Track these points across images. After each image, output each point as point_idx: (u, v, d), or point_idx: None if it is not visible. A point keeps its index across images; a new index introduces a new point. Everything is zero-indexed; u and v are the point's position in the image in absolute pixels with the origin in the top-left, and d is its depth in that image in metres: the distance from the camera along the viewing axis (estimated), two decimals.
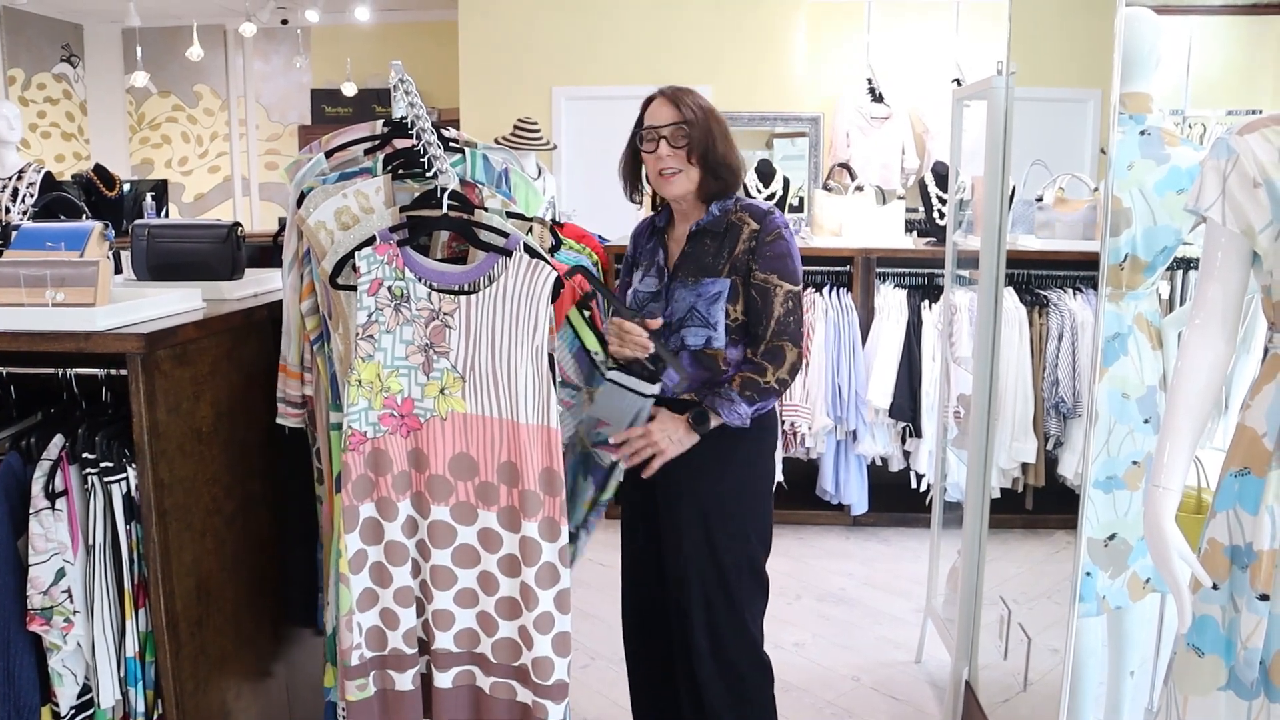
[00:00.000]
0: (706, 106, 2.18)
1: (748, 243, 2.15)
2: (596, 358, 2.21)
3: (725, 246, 2.16)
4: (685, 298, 2.15)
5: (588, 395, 2.21)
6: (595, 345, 2.20)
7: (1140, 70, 2.21)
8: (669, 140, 2.13)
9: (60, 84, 8.55)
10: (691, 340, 2.14)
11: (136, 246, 2.35)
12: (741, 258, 2.15)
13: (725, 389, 2.10)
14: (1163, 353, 2.26)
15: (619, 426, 2.12)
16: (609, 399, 2.13)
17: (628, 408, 2.11)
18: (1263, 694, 1.58)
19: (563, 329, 2.16)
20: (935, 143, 5.91)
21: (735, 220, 2.18)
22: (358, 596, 1.93)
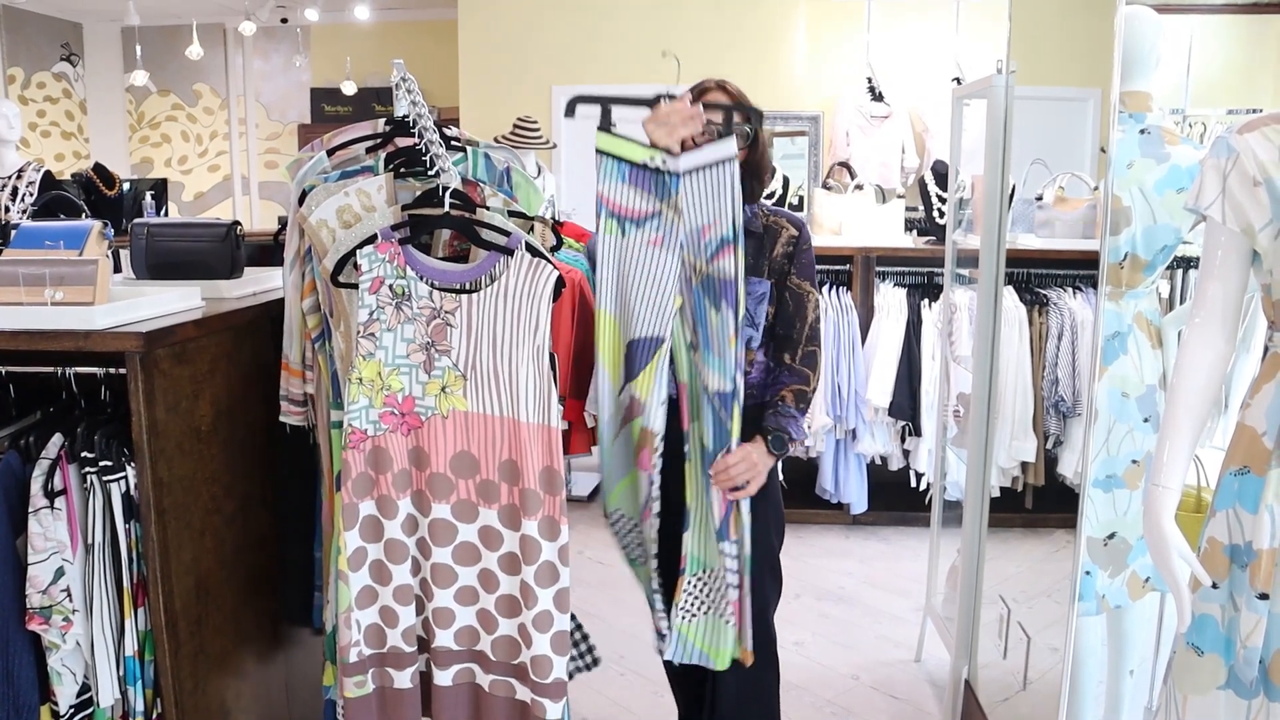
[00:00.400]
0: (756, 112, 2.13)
1: (786, 247, 2.16)
2: (653, 163, 1.92)
3: (765, 247, 2.16)
4: None
5: (673, 209, 1.93)
6: (645, 152, 1.93)
7: (1140, 69, 2.21)
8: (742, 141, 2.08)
9: (60, 83, 8.54)
10: None
11: (136, 245, 2.35)
12: (779, 262, 2.16)
13: (783, 407, 2.10)
14: (1162, 351, 2.26)
15: (720, 217, 1.88)
16: (696, 193, 1.88)
17: (721, 188, 1.87)
18: (1262, 693, 1.58)
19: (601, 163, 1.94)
20: (935, 142, 5.90)
21: (771, 224, 2.18)
22: (356, 594, 1.93)
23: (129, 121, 8.96)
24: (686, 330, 1.99)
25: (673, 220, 1.93)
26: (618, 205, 1.96)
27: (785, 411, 2.11)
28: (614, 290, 2.02)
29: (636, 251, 1.98)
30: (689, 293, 1.97)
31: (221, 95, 8.92)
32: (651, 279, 1.98)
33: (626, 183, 1.94)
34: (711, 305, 1.95)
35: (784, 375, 2.15)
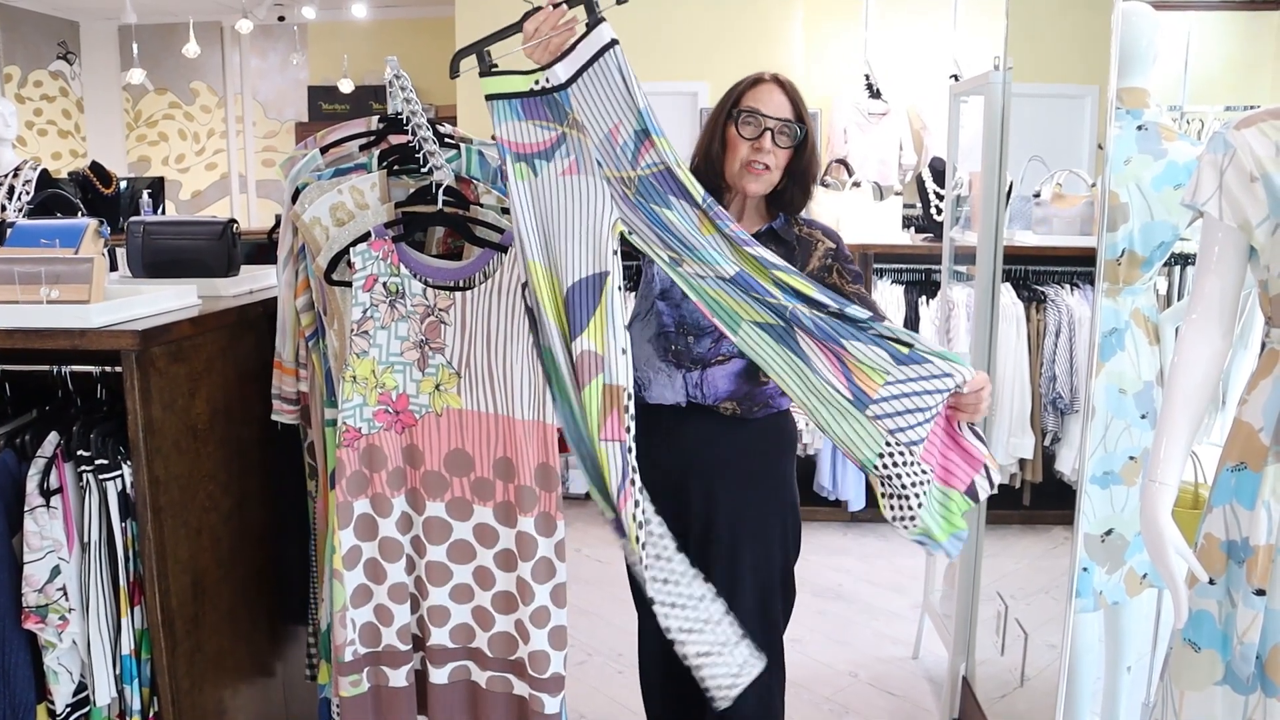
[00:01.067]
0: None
1: (824, 259, 2.04)
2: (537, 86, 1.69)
3: (797, 259, 2.01)
4: None
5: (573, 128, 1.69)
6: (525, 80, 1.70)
7: (1138, 65, 2.21)
8: (774, 135, 1.96)
9: (56, 81, 8.53)
10: None
11: (132, 243, 2.34)
12: (816, 274, 2.01)
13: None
14: (1160, 348, 2.26)
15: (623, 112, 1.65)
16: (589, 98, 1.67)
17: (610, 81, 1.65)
18: (1259, 688, 1.58)
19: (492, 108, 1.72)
20: (933, 139, 5.90)
21: (804, 235, 2.06)
22: (351, 592, 1.93)
23: (126, 120, 8.95)
24: (659, 249, 1.71)
25: (579, 139, 1.69)
26: (520, 144, 1.70)
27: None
28: (539, 237, 1.72)
29: (553, 186, 1.71)
30: (630, 207, 1.70)
31: (219, 93, 8.91)
32: (578, 210, 1.71)
33: (522, 118, 1.70)
34: (661, 206, 1.69)
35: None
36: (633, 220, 1.70)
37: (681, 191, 1.67)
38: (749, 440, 2.07)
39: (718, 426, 2.05)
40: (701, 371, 2.02)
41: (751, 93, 2.00)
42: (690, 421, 2.05)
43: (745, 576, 2.07)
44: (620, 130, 1.67)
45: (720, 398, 2.04)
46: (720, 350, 2.02)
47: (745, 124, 1.98)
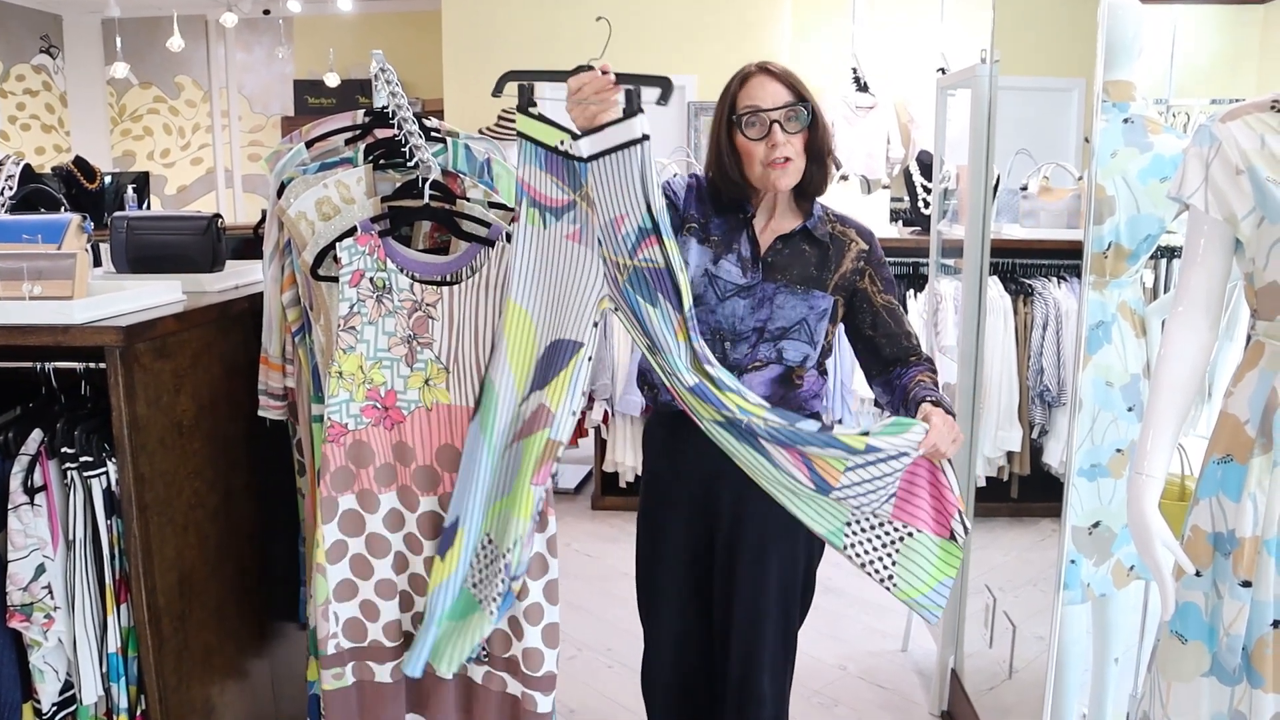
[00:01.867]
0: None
1: (856, 262, 1.97)
2: (562, 147, 1.70)
3: (830, 260, 1.96)
4: (796, 306, 1.92)
5: (584, 200, 1.72)
6: (556, 135, 1.70)
7: (1124, 58, 2.21)
8: (783, 125, 1.87)
9: (40, 75, 8.47)
10: (790, 355, 1.93)
11: (116, 239, 2.32)
12: (849, 277, 1.96)
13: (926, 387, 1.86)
14: (1146, 341, 2.27)
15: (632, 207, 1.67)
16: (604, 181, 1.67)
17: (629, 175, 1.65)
18: (1244, 679, 1.58)
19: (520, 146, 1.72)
20: (920, 132, 5.91)
21: (838, 234, 1.99)
22: (334, 587, 1.92)
23: (110, 114, 8.89)
24: (638, 335, 1.79)
25: (586, 212, 1.73)
26: (537, 192, 1.75)
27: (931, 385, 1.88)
28: (533, 284, 1.78)
29: (556, 245, 1.76)
30: (617, 291, 1.75)
31: (204, 88, 8.86)
32: (571, 277, 1.76)
33: (544, 169, 1.73)
34: (646, 301, 1.73)
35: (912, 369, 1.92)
36: (619, 301, 1.76)
37: (671, 293, 1.72)
38: None
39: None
40: (738, 378, 1.86)
41: (744, 90, 1.92)
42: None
43: (770, 576, 2.02)
44: (625, 221, 1.69)
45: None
46: (759, 355, 1.94)
47: (749, 125, 1.89)
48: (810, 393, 1.99)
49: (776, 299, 1.92)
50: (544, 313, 1.79)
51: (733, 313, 1.93)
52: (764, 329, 1.92)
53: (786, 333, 1.92)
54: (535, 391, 1.79)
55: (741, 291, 1.93)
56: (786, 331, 1.92)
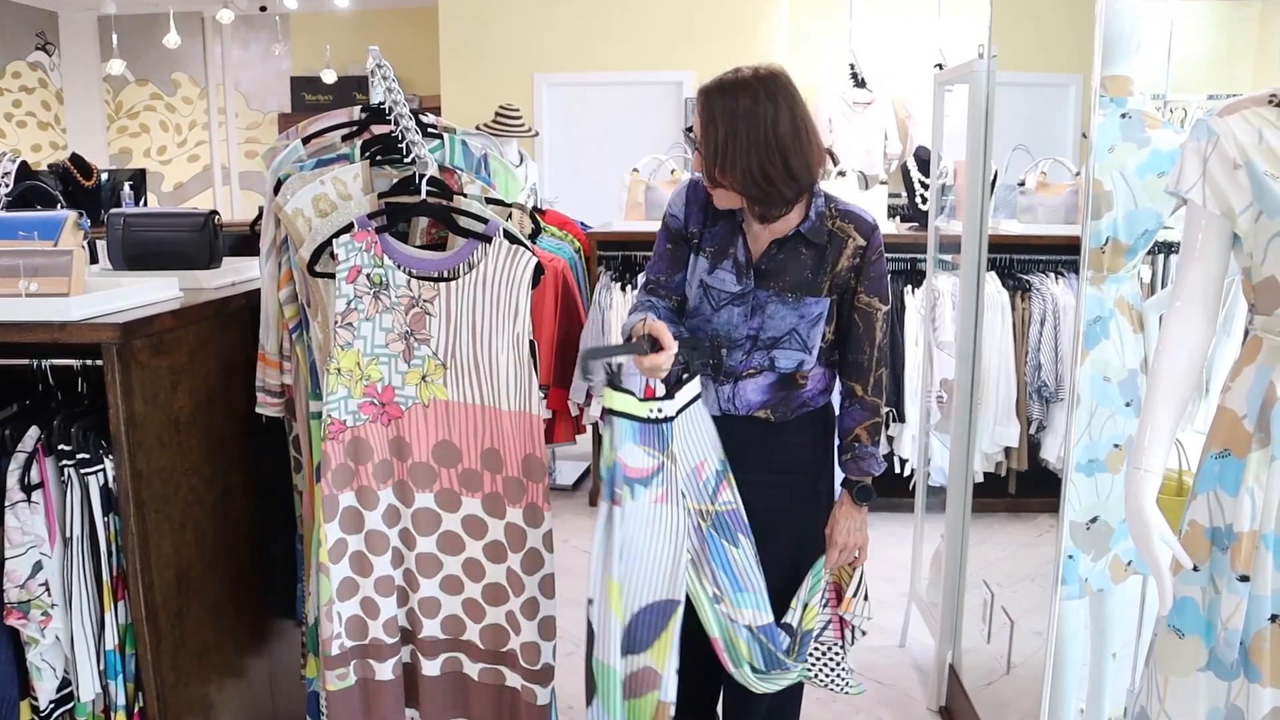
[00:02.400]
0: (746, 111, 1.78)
1: (852, 259, 1.91)
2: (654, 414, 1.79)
3: (826, 261, 1.91)
4: (785, 316, 1.91)
5: (670, 459, 1.81)
6: (644, 406, 1.77)
7: (1121, 53, 2.21)
8: (699, 148, 1.84)
9: (36, 72, 8.45)
10: (784, 363, 1.93)
11: (112, 236, 2.32)
12: (844, 276, 1.92)
13: (860, 449, 1.97)
14: (1144, 336, 2.27)
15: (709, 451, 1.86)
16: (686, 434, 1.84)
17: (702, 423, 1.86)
18: (1242, 674, 1.58)
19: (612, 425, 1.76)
20: (918, 128, 5.91)
21: (837, 230, 1.91)
22: (338, 586, 1.92)
23: (107, 111, 8.88)
24: (706, 584, 1.84)
25: (671, 470, 1.79)
26: (631, 468, 1.77)
27: (863, 453, 1.98)
28: (630, 556, 1.79)
29: (644, 511, 1.78)
30: (700, 540, 1.84)
31: (200, 84, 8.85)
32: (661, 537, 1.79)
33: (636, 441, 1.77)
34: (729, 543, 1.86)
35: (855, 410, 1.97)
36: (698, 552, 1.82)
37: (747, 531, 1.87)
38: (784, 438, 2.00)
39: (754, 431, 1.97)
40: (734, 385, 1.94)
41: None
42: (726, 428, 1.94)
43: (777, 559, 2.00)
44: (705, 466, 1.84)
45: (753, 408, 1.96)
46: (752, 363, 1.94)
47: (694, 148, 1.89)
48: (815, 390, 1.99)
49: (768, 308, 1.91)
50: (637, 579, 1.80)
51: (728, 320, 1.93)
52: (757, 337, 1.92)
53: (778, 342, 1.92)
54: (639, 653, 1.81)
55: (735, 300, 1.92)
56: (778, 341, 1.92)
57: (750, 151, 1.78)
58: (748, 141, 1.78)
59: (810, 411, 2.01)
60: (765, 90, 1.80)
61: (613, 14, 6.38)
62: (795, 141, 1.81)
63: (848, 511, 2.00)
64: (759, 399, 1.94)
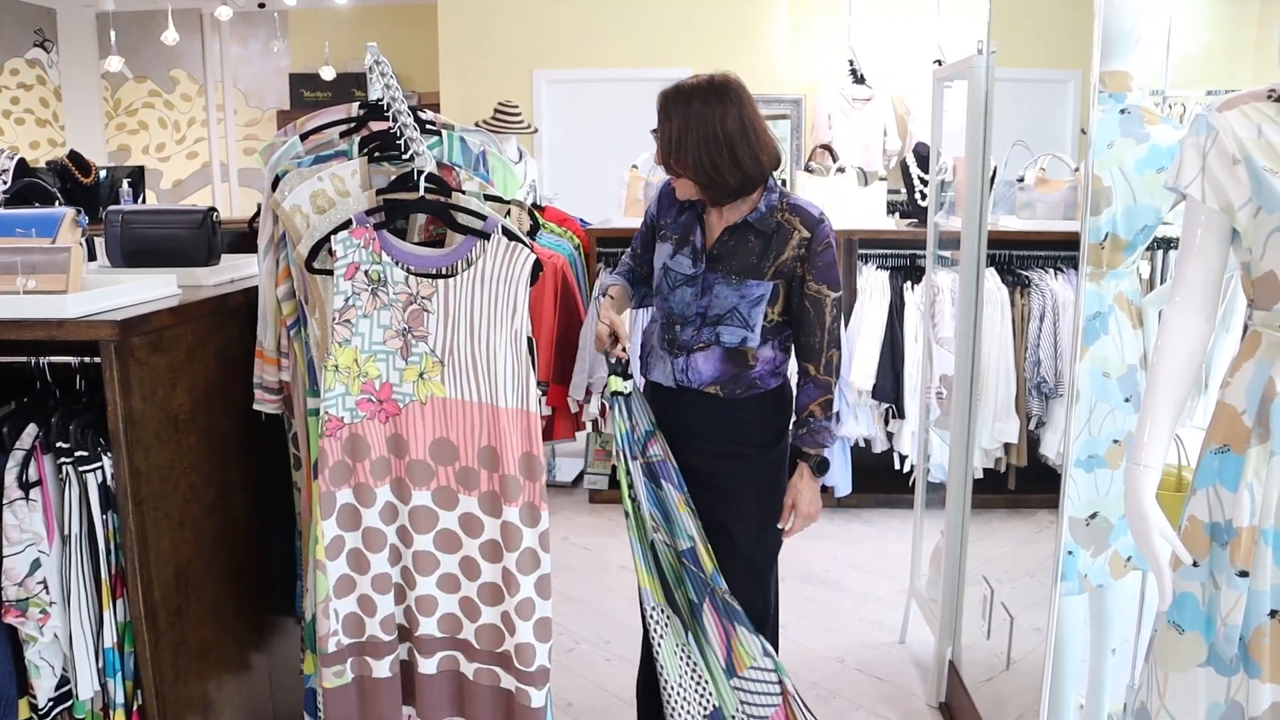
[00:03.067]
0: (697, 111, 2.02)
1: (797, 249, 2.10)
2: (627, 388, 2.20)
3: (772, 249, 2.10)
4: (728, 296, 2.11)
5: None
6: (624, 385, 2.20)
7: (1120, 49, 2.21)
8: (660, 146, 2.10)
9: (34, 69, 8.44)
10: (727, 338, 2.12)
11: (111, 233, 2.32)
12: (789, 264, 2.10)
13: (814, 422, 2.14)
14: (1143, 331, 2.26)
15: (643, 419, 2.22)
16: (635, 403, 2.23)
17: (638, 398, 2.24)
18: (1241, 670, 1.58)
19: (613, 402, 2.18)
20: (917, 124, 5.90)
21: (784, 221, 2.11)
22: (334, 583, 1.92)
23: (105, 108, 8.87)
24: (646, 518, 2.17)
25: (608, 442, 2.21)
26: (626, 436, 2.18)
27: (817, 427, 2.15)
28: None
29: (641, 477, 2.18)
30: (642, 483, 2.18)
31: (199, 81, 8.84)
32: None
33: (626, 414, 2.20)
34: (656, 485, 2.19)
35: (809, 388, 2.15)
36: (639, 491, 2.16)
37: (672, 478, 2.19)
38: (732, 415, 2.18)
39: (705, 404, 2.17)
40: (687, 357, 2.16)
41: None
42: (680, 400, 2.20)
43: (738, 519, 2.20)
44: (638, 428, 2.21)
45: (705, 382, 2.16)
46: (701, 338, 2.14)
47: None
48: (765, 371, 2.16)
49: (715, 289, 2.12)
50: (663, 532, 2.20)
51: (681, 299, 2.16)
52: (705, 315, 2.13)
53: (722, 319, 2.12)
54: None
55: (689, 281, 2.15)
56: (722, 318, 2.12)
57: (700, 144, 2.02)
58: (698, 135, 2.02)
59: (761, 393, 2.18)
60: (715, 93, 2.04)
61: (612, 11, 6.38)
62: (742, 137, 2.03)
63: (807, 483, 2.16)
64: (711, 373, 2.15)
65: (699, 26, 6.26)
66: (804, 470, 2.16)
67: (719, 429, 2.18)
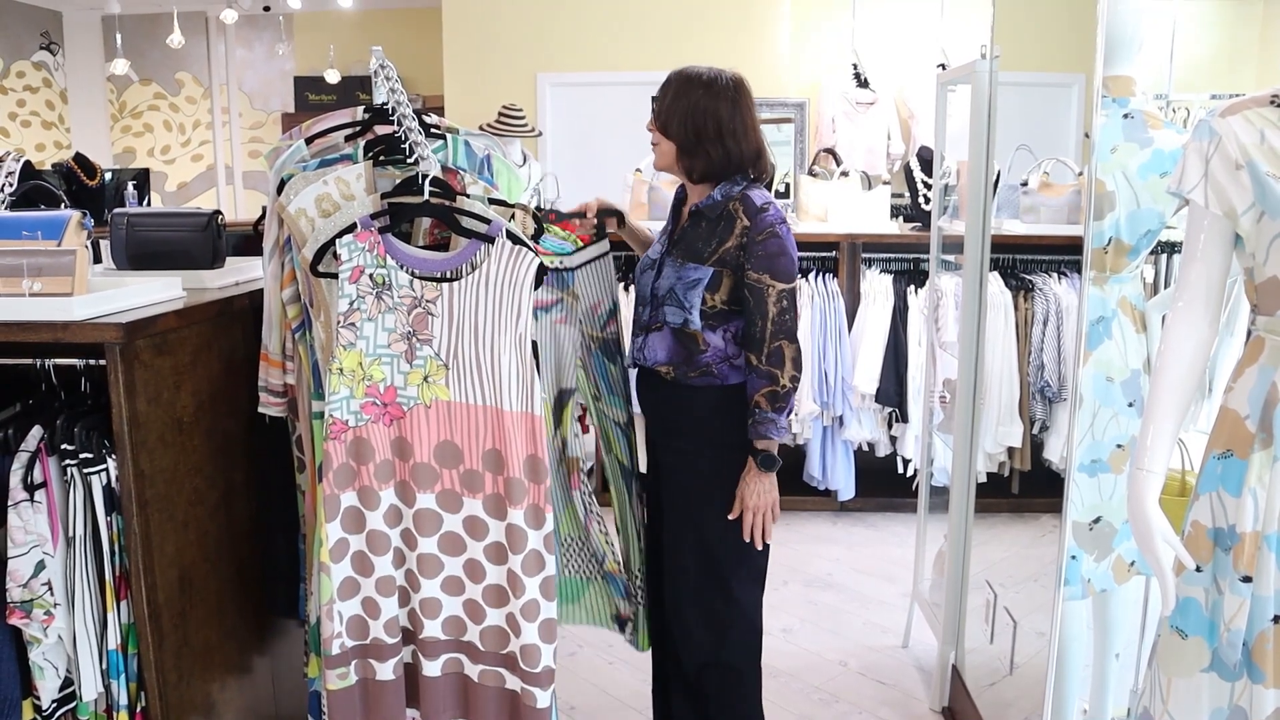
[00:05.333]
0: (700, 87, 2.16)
1: (739, 238, 2.14)
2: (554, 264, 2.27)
3: (717, 235, 2.16)
4: (670, 277, 2.19)
5: (571, 296, 2.30)
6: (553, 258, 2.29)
7: (1124, 53, 2.21)
8: (653, 115, 2.21)
9: (40, 72, 8.46)
10: (670, 318, 2.19)
11: (116, 235, 2.32)
12: (732, 251, 2.14)
13: (758, 414, 2.13)
14: (1146, 336, 2.26)
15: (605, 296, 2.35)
16: (587, 281, 2.33)
17: (604, 275, 2.36)
18: (1245, 675, 1.58)
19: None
20: (920, 128, 5.89)
21: (730, 210, 2.16)
22: (338, 585, 1.92)
23: (110, 111, 8.88)
24: (590, 385, 2.37)
25: (570, 304, 2.30)
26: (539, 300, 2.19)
27: (761, 418, 2.13)
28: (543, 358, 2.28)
29: (548, 330, 2.28)
30: (589, 355, 2.36)
31: (204, 84, 8.85)
32: (561, 347, 2.31)
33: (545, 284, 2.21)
34: (609, 360, 2.37)
35: (753, 378, 2.15)
36: (588, 363, 2.36)
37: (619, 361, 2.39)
38: (682, 400, 2.23)
39: (659, 385, 2.27)
40: (644, 337, 2.26)
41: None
42: (641, 379, 2.34)
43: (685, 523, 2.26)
44: (600, 306, 2.35)
45: (659, 362, 2.23)
46: (657, 318, 2.23)
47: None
48: (715, 357, 2.19)
49: (664, 271, 2.22)
50: (544, 373, 2.25)
51: (644, 283, 2.28)
52: (655, 295, 2.23)
53: (663, 300, 2.21)
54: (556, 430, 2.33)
55: (652, 265, 2.28)
56: (663, 299, 2.21)
57: (691, 109, 2.15)
58: (690, 102, 2.15)
59: (719, 385, 2.20)
60: (720, 83, 2.16)
61: (616, 14, 6.38)
62: (731, 122, 2.15)
63: (754, 476, 2.17)
64: (663, 355, 2.22)
65: (703, 30, 6.27)
66: (750, 463, 2.17)
67: (668, 412, 2.27)
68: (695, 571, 2.23)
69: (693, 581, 2.23)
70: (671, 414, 2.26)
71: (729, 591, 2.23)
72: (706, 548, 2.22)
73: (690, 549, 2.23)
